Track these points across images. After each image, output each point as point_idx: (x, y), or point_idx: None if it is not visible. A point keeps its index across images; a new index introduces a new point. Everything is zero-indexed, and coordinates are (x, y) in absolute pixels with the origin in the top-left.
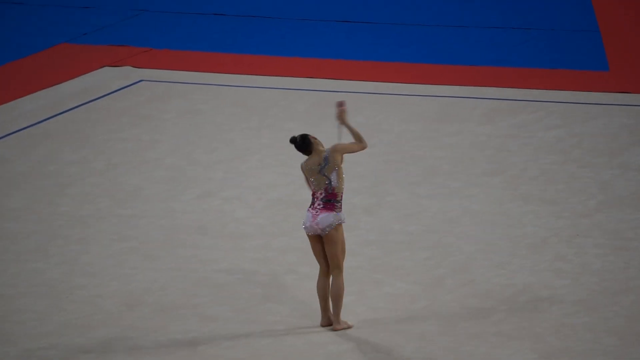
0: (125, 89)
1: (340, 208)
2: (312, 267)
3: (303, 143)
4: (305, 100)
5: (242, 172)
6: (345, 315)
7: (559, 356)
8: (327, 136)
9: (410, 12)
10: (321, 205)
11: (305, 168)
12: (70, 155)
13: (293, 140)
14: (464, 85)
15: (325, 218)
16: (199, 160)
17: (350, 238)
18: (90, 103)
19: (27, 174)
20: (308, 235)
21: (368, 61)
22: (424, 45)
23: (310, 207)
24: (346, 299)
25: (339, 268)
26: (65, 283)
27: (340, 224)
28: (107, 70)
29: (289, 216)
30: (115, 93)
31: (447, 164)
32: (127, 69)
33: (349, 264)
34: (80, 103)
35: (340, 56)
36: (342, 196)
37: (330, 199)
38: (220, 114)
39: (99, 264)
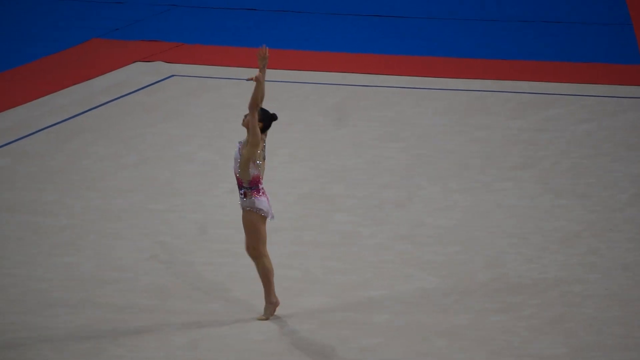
0: (157, 84)
1: None
2: (343, 262)
3: (271, 121)
4: (336, 95)
5: (273, 166)
6: (376, 311)
7: (590, 350)
8: (355, 130)
9: (441, 6)
10: (264, 189)
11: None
12: (102, 150)
13: (275, 118)
14: (495, 79)
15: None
16: (230, 155)
17: (381, 232)
18: (122, 98)
19: (60, 168)
20: (264, 219)
21: (398, 55)
22: (455, 39)
23: (263, 192)
24: (376, 293)
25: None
26: (98, 277)
27: None
28: (138, 65)
29: (319, 210)
30: (146, 88)
31: (478, 158)
32: (159, 64)
33: (380, 258)
34: (111, 98)
35: (371, 50)
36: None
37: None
38: None
39: (131, 258)
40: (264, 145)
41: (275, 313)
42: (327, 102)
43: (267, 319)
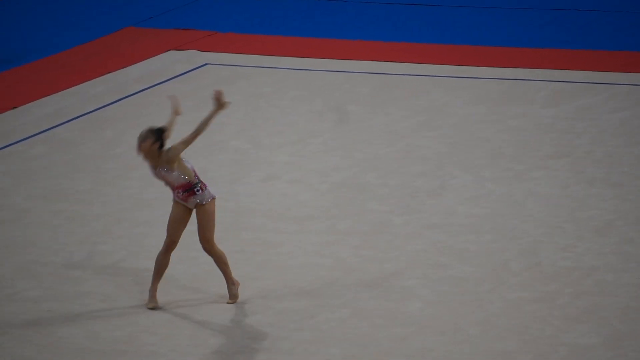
0: (190, 73)
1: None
2: (376, 250)
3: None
4: (369, 83)
5: (306, 155)
6: (409, 299)
7: (624, 339)
8: (388, 119)
9: None
10: None
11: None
12: (136, 138)
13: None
14: (529, 68)
15: None
16: (263, 144)
17: (414, 221)
18: (156, 87)
19: (94, 156)
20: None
21: (431, 44)
22: (488, 27)
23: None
24: (409, 282)
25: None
26: (132, 265)
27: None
28: (172, 53)
29: (352, 199)
30: (180, 77)
31: (512, 147)
32: (192, 52)
33: (413, 247)
34: (145, 87)
35: (404, 39)
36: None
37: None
38: (284, 97)
39: None
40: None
41: (312, 301)
42: (360, 91)
43: (236, 300)
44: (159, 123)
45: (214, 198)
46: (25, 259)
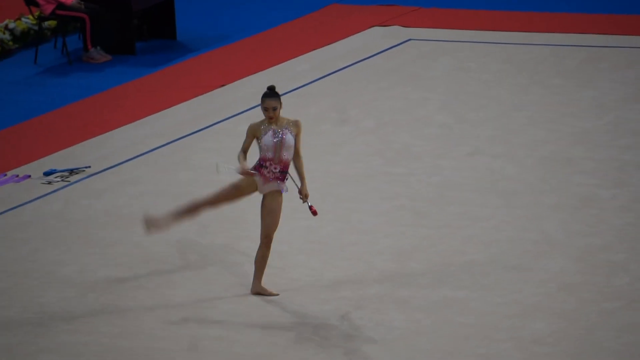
0: (394, 48)
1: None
2: (584, 224)
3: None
4: (576, 56)
5: (511, 129)
6: (617, 274)
7: None
8: (596, 92)
9: None
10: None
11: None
12: (340, 114)
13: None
14: None
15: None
16: (467, 118)
17: (623, 195)
18: (360, 63)
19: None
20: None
21: (639, 15)
22: None
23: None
24: (617, 257)
25: (268, 237)
26: (338, 240)
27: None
28: (376, 30)
29: (558, 173)
30: (384, 52)
31: None
32: (396, 28)
33: (621, 220)
34: (350, 63)
35: (609, 11)
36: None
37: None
38: (488, 71)
39: (370, 221)
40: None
41: (518, 275)
42: (567, 64)
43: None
44: (362, 99)
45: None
46: (234, 235)
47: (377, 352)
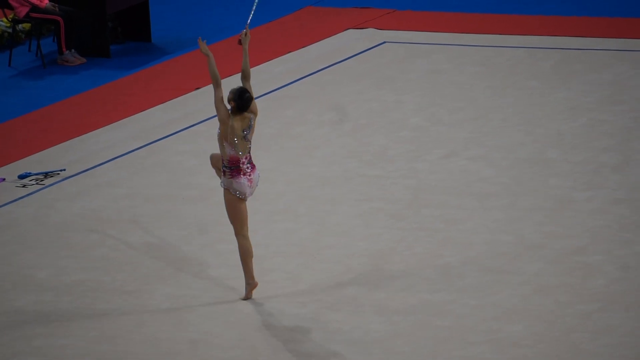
0: (369, 51)
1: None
2: (559, 227)
3: (242, 99)
4: (551, 58)
5: (487, 131)
6: (593, 276)
7: None
8: (570, 94)
9: None
10: (250, 169)
11: (234, 128)
12: (316, 117)
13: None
14: None
15: (257, 178)
16: (442, 120)
17: (598, 197)
18: (335, 65)
19: (276, 135)
20: (242, 200)
21: (613, 17)
22: None
23: (244, 173)
24: (593, 259)
25: (235, 231)
26: (315, 243)
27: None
28: (351, 32)
29: (534, 175)
30: (359, 55)
31: None
32: (371, 30)
33: (597, 223)
34: (325, 65)
35: (584, 13)
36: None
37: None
38: (463, 73)
39: (347, 224)
40: (250, 125)
41: (494, 277)
42: (541, 67)
43: (247, 298)
44: (338, 101)
45: (234, 192)
46: (212, 238)
47: (355, 354)
